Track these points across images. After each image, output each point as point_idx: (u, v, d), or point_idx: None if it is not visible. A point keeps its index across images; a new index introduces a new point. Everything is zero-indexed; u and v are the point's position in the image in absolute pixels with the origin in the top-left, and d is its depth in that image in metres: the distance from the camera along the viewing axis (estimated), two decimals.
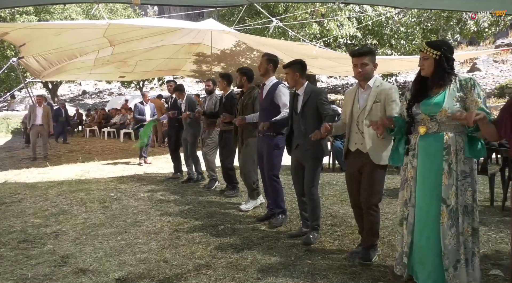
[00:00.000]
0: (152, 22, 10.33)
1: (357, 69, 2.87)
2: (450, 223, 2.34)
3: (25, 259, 3.23)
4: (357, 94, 3.00)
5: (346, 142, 3.07)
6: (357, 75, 2.90)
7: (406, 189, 2.56)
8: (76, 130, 18.95)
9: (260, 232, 3.76)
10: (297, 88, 3.49)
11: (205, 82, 5.91)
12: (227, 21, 16.14)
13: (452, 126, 2.38)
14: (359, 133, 2.94)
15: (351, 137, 3.02)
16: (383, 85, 2.89)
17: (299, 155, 3.46)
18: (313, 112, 3.35)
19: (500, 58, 21.61)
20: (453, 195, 2.34)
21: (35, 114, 9.63)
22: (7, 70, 18.36)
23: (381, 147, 2.86)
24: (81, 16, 22.93)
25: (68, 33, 7.43)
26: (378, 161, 2.84)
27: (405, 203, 2.56)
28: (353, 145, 2.99)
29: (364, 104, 2.90)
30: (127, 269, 2.98)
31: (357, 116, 2.96)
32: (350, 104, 3.02)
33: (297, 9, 13.49)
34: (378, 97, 2.85)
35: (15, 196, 5.62)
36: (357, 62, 2.87)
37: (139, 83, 28.14)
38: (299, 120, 3.43)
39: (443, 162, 2.37)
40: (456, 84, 2.41)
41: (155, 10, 49.08)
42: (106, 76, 16.45)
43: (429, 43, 2.45)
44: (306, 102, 3.38)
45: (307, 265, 2.96)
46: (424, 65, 2.44)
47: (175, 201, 5.08)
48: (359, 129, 2.94)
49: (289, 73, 3.47)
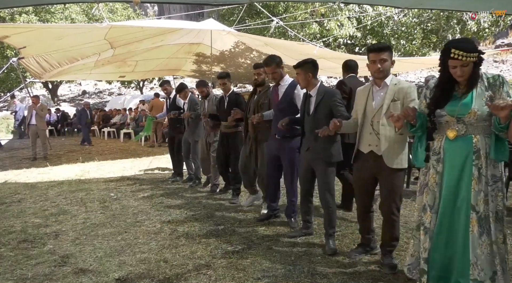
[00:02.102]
0: (152, 23, 10.33)
1: (376, 66, 2.67)
2: (480, 231, 2.19)
3: (25, 259, 3.23)
4: (371, 93, 2.81)
5: (357, 143, 2.89)
6: (376, 72, 2.69)
7: (426, 194, 2.41)
8: (76, 130, 18.96)
9: (260, 232, 3.76)
10: (309, 89, 3.34)
11: (197, 89, 5.63)
12: (227, 21, 16.14)
13: (480, 128, 2.22)
14: (373, 134, 2.76)
15: (363, 138, 2.84)
16: (401, 83, 2.73)
17: (310, 158, 3.32)
18: (326, 114, 3.19)
19: (500, 58, 21.62)
20: (481, 201, 2.19)
21: (31, 114, 9.73)
22: (7, 70, 18.36)
23: (397, 149, 2.71)
24: (81, 16, 22.92)
25: (69, 37, 7.43)
26: (391, 164, 2.69)
27: (424, 208, 2.41)
28: (367, 146, 2.81)
29: (381, 103, 2.72)
30: (127, 269, 2.98)
31: (371, 116, 2.77)
32: (363, 103, 2.84)
33: (297, 9, 13.49)
34: (396, 95, 2.68)
35: (15, 196, 5.62)
36: (376, 58, 2.66)
37: (139, 83, 28.16)
38: (311, 122, 3.28)
39: (472, 167, 2.21)
40: (483, 82, 2.24)
41: (155, 10, 49.07)
42: (106, 76, 16.46)
43: (464, 48, 2.14)
44: (319, 103, 3.23)
45: (307, 265, 2.96)
46: (464, 72, 2.18)
47: (175, 201, 5.08)
48: (373, 129, 2.76)
49: (301, 73, 3.30)
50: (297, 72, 3.32)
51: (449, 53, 2.17)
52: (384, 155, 2.70)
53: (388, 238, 2.87)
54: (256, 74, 4.15)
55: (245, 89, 23.27)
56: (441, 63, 2.29)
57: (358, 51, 18.87)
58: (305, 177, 3.43)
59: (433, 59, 13.54)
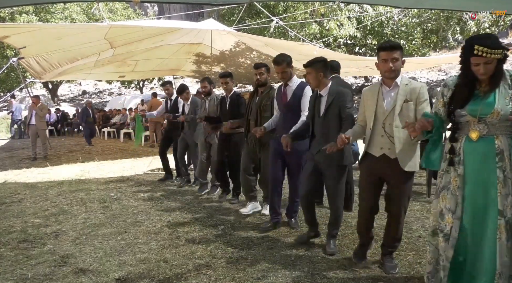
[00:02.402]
0: (152, 23, 10.34)
1: (387, 65, 2.55)
2: (507, 237, 2.06)
3: (25, 259, 3.23)
4: (380, 94, 2.68)
5: (366, 146, 2.76)
6: (388, 71, 2.57)
7: (443, 197, 2.28)
8: (76, 130, 18.98)
9: (260, 232, 3.75)
10: (320, 89, 3.19)
11: (200, 83, 5.36)
12: (227, 21, 16.16)
13: (502, 128, 2.12)
14: (385, 137, 2.65)
15: (374, 141, 2.71)
16: (413, 83, 2.63)
17: (320, 160, 3.16)
18: (337, 116, 3.07)
19: None
20: (509, 206, 2.07)
21: (31, 114, 9.75)
22: (7, 70, 18.37)
23: (410, 151, 2.62)
24: (81, 15, 22.94)
25: (69, 36, 7.43)
26: (406, 167, 2.61)
27: (442, 213, 2.28)
28: (378, 149, 2.69)
29: (393, 104, 2.62)
30: (127, 269, 2.98)
31: (383, 118, 2.65)
32: (372, 105, 2.71)
33: (297, 9, 13.50)
34: (408, 96, 2.57)
35: (15, 196, 5.62)
36: (388, 56, 2.53)
37: (139, 83, 28.17)
38: (321, 124, 3.15)
39: (496, 169, 2.10)
40: (507, 80, 2.12)
41: (155, 10, 49.10)
42: (106, 76, 16.48)
43: (488, 44, 2.03)
44: (330, 104, 3.09)
45: (307, 265, 2.96)
46: (487, 70, 2.07)
47: (175, 201, 5.08)
48: (386, 132, 2.64)
49: (312, 72, 3.15)
50: (307, 71, 3.18)
51: (471, 50, 2.05)
52: (399, 158, 2.60)
53: (391, 239, 2.84)
54: (258, 74, 4.02)
55: (245, 89, 23.26)
56: (462, 60, 2.17)
57: (358, 51, 18.88)
58: (310, 179, 3.27)
59: (433, 59, 13.58)
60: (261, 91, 4.11)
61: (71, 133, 18.76)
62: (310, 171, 3.25)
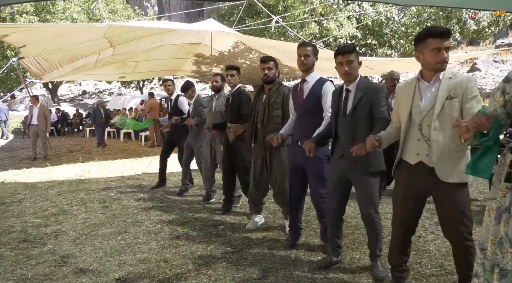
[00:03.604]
0: (152, 24, 10.35)
1: (442, 55, 2.13)
2: None
3: (25, 259, 3.23)
4: (417, 90, 2.27)
5: (400, 151, 2.36)
6: (441, 61, 2.14)
7: (505, 222, 1.81)
8: (76, 130, 18.99)
9: (260, 232, 3.75)
10: (349, 83, 2.77)
11: (213, 77, 4.80)
12: (227, 21, 16.16)
13: None
14: (422, 141, 2.23)
15: (409, 146, 2.31)
16: (458, 76, 2.19)
17: (345, 167, 2.75)
18: (367, 114, 2.66)
19: (500, 58, 21.63)
20: None
21: (32, 114, 9.74)
22: (7, 70, 18.38)
23: (454, 158, 2.17)
24: (81, 16, 22.95)
25: (68, 35, 7.44)
26: (446, 178, 2.15)
27: (501, 242, 1.82)
28: (414, 155, 2.27)
29: (432, 102, 2.19)
30: (127, 269, 2.98)
31: (420, 119, 2.23)
32: (407, 103, 2.30)
33: (297, 9, 13.51)
34: (453, 92, 2.15)
35: (15, 196, 5.62)
36: (441, 44, 2.12)
37: (139, 83, 28.20)
38: (347, 124, 2.72)
39: None
40: None
41: (155, 10, 49.11)
42: (106, 77, 16.50)
43: None
44: (359, 101, 2.67)
45: (307, 265, 2.96)
46: None
47: (175, 201, 5.08)
48: (423, 135, 2.23)
49: (354, 60, 2.70)
50: (347, 59, 2.69)
51: None
52: (437, 167, 2.16)
53: (465, 270, 2.26)
54: (266, 68, 3.55)
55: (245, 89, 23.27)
56: None
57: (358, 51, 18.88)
58: (334, 192, 2.84)
59: None
60: (269, 88, 3.61)
61: (71, 133, 18.77)
62: (336, 181, 2.82)
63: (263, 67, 3.58)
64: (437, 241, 3.33)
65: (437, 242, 3.32)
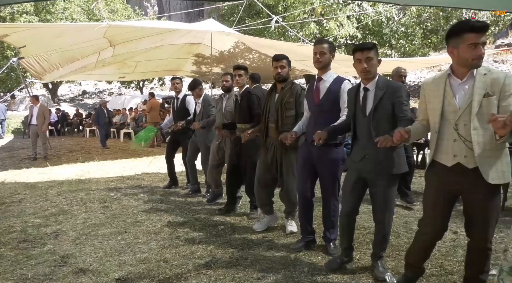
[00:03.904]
0: (152, 24, 10.36)
1: (479, 51, 2.01)
2: None
3: (25, 259, 3.23)
4: (449, 86, 2.14)
5: (432, 152, 2.24)
6: (478, 57, 2.02)
7: None
8: (76, 130, 19.00)
9: (260, 232, 3.75)
10: (367, 81, 2.66)
11: (222, 77, 4.69)
12: (227, 21, 16.17)
13: None
14: (460, 142, 2.11)
15: (443, 147, 2.18)
16: (493, 72, 2.07)
17: (365, 169, 2.65)
18: (388, 114, 2.56)
19: (500, 58, 21.62)
20: None
21: (32, 114, 9.75)
22: (7, 70, 18.38)
23: (497, 157, 2.07)
24: (81, 15, 22.96)
25: (68, 35, 7.44)
26: (491, 179, 2.04)
27: None
28: (450, 157, 2.14)
29: (468, 100, 2.07)
30: (127, 269, 2.98)
31: (456, 118, 2.11)
32: (437, 101, 2.18)
33: (297, 9, 13.51)
34: (489, 89, 2.03)
35: (15, 196, 5.62)
36: (478, 39, 2.00)
37: (139, 83, 28.19)
38: (368, 124, 2.61)
39: None
40: None
41: (155, 10, 49.13)
42: (107, 77, 16.53)
43: None
44: (380, 100, 2.57)
45: (307, 265, 2.96)
46: None
47: (175, 201, 5.08)
48: (459, 135, 2.11)
49: (374, 57, 2.59)
50: (366, 56, 2.58)
51: None
52: (483, 169, 2.05)
53: (475, 272, 2.24)
54: (279, 66, 3.46)
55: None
56: None
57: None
58: (352, 193, 2.75)
59: (433, 59, 13.57)
60: (282, 87, 3.52)
61: (71, 133, 18.78)
62: (353, 183, 2.73)
63: (275, 65, 3.48)
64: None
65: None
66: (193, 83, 5.18)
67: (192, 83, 5.19)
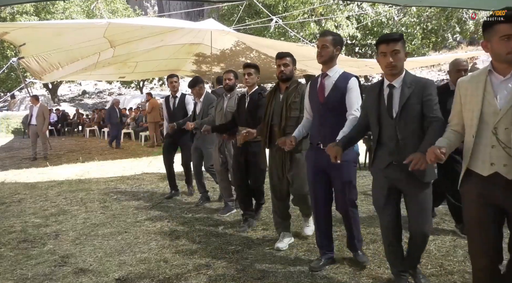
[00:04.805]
0: (152, 21, 10.35)
1: (510, 43, 1.75)
2: None
3: (25, 259, 3.23)
4: (489, 86, 1.85)
5: (467, 160, 1.93)
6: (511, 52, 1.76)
7: None
8: (76, 130, 19.01)
9: (260, 232, 3.75)
10: (393, 77, 2.36)
11: (225, 74, 4.31)
12: (227, 21, 16.18)
13: None
14: (499, 148, 1.81)
15: (479, 154, 1.88)
16: None
17: (393, 176, 2.37)
18: (417, 115, 2.28)
19: None
20: None
21: (31, 114, 9.76)
22: (7, 70, 18.38)
23: None
24: (81, 16, 22.97)
25: (68, 34, 7.44)
26: None
27: None
28: (487, 165, 1.85)
29: (511, 100, 1.79)
30: (127, 269, 2.98)
31: (495, 121, 1.81)
32: (476, 101, 1.88)
33: (297, 9, 13.52)
34: None
35: (15, 196, 5.62)
36: (510, 31, 1.75)
37: (139, 83, 28.19)
38: (396, 127, 2.31)
39: None
40: None
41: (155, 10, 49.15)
42: (107, 77, 16.54)
43: None
44: (408, 99, 2.28)
45: (307, 265, 2.95)
46: None
47: (175, 201, 5.07)
48: (499, 141, 1.81)
49: (400, 50, 2.28)
50: (393, 49, 2.26)
51: None
52: None
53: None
54: (282, 65, 3.20)
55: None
56: None
57: (358, 51, 18.87)
58: (388, 206, 2.45)
59: (433, 59, 13.58)
60: (286, 87, 3.24)
61: (71, 133, 18.78)
62: (386, 194, 2.44)
63: (279, 63, 3.22)
64: (437, 241, 3.33)
65: (437, 242, 3.32)
66: (193, 81, 4.80)
67: (192, 81, 4.81)
